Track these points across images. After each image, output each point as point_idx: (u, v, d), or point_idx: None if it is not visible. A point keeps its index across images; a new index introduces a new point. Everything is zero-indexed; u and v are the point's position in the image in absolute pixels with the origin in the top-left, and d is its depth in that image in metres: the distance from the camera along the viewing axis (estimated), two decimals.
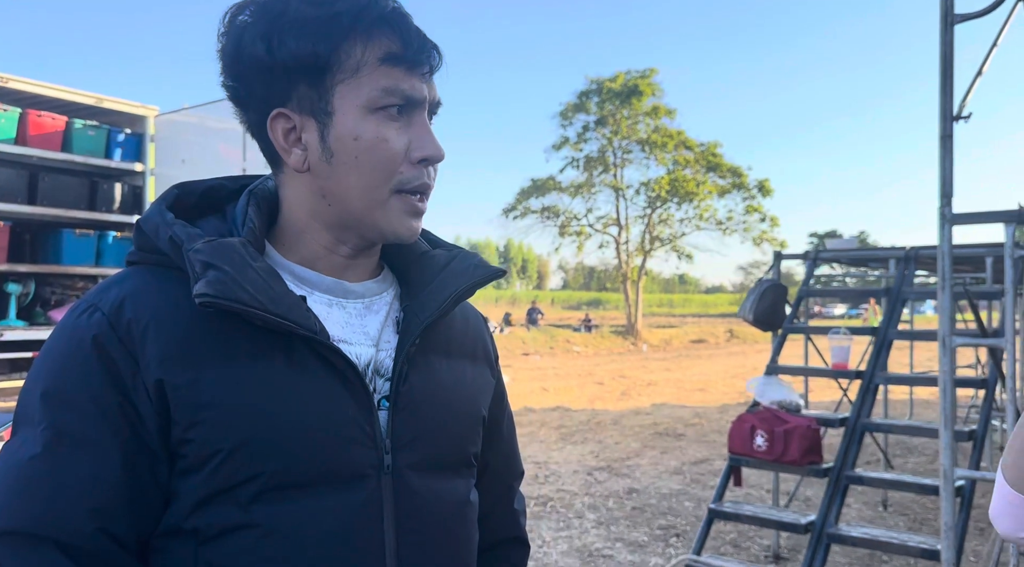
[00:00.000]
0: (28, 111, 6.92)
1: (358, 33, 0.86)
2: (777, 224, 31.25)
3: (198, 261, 0.81)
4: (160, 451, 0.82)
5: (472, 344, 1.04)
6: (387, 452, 0.88)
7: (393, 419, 0.89)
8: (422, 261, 1.00)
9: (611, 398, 12.75)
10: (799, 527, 3.85)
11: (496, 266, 1.01)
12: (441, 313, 0.94)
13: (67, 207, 7.12)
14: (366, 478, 0.86)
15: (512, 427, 1.15)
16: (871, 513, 5.67)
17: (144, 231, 0.89)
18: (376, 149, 0.87)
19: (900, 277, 4.54)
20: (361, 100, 0.86)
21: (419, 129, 0.89)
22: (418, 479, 0.90)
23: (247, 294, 0.81)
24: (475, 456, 1.01)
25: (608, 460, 7.52)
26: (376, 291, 0.96)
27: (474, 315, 1.09)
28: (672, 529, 5.27)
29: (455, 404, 0.97)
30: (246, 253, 0.84)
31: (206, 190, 0.95)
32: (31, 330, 7.08)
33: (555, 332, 26.82)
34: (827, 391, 11.04)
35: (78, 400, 0.81)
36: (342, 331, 0.90)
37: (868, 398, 4.16)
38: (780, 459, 3.91)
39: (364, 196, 0.88)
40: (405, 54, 0.87)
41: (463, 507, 0.97)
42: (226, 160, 7.19)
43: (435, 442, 0.93)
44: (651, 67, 31.81)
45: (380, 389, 0.90)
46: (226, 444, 0.81)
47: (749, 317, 4.64)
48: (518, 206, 32.52)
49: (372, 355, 0.91)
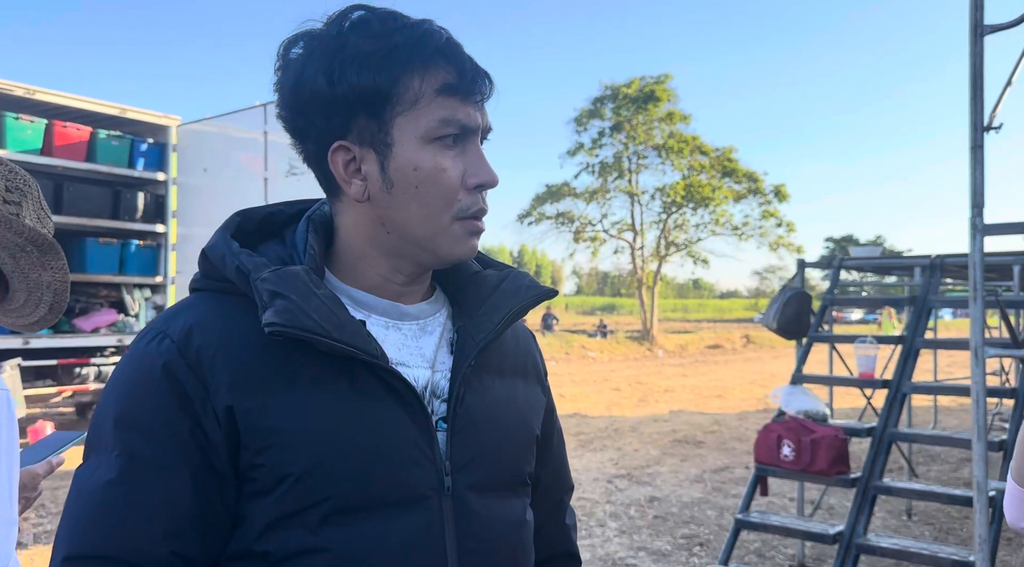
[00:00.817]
0: (54, 122, 7.01)
1: (415, 65, 0.88)
2: (793, 229, 31.13)
3: (265, 290, 0.84)
4: (229, 475, 0.84)
5: (523, 362, 1.06)
6: (447, 473, 0.89)
7: (451, 440, 0.90)
8: (474, 282, 1.01)
9: (628, 404, 12.72)
10: (827, 538, 3.82)
11: (548, 287, 1.02)
12: (495, 335, 0.96)
13: (91, 216, 7.21)
14: (428, 500, 0.87)
15: (562, 441, 1.16)
16: (896, 522, 5.62)
17: (210, 259, 0.91)
18: (435, 179, 0.89)
19: (926, 285, 4.51)
20: (419, 131, 0.88)
21: (473, 156, 0.91)
22: (477, 500, 0.91)
23: (312, 321, 0.83)
24: (530, 475, 1.02)
25: (628, 468, 7.50)
26: (430, 312, 0.98)
27: (524, 332, 1.10)
28: (695, 538, 5.24)
29: (510, 424, 0.98)
30: (310, 281, 0.86)
31: (265, 216, 0.98)
32: (56, 338, 7.17)
33: (570, 338, 26.81)
34: (848, 398, 10.97)
35: (150, 426, 0.82)
36: (399, 353, 0.92)
37: (895, 408, 4.13)
38: (808, 469, 3.89)
39: (425, 224, 0.90)
40: (460, 84, 0.89)
41: (520, 527, 0.98)
42: (247, 169, 7.25)
43: (492, 463, 0.94)
44: (666, 73, 31.80)
45: (437, 410, 0.92)
46: (295, 469, 0.83)
47: (773, 325, 4.63)
48: (533, 212, 32.55)
49: (429, 377, 0.93)
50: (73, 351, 7.37)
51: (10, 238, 1.22)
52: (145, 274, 7.82)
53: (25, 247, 1.25)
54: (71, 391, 7.58)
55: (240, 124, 7.29)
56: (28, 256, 1.26)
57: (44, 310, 1.35)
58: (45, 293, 1.32)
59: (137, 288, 7.85)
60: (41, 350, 7.11)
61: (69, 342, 7.24)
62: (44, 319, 1.37)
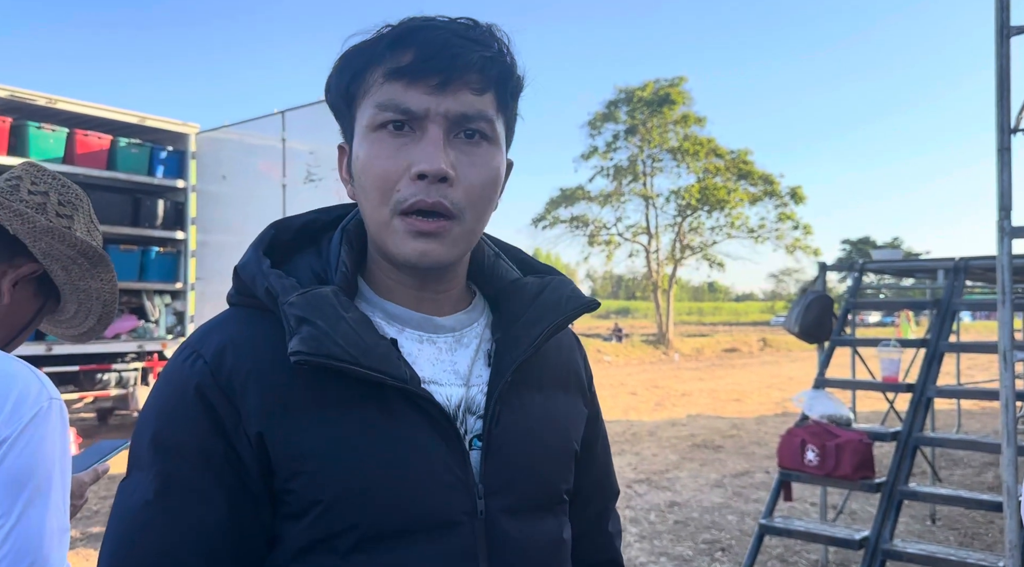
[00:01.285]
0: (75, 131, 7.08)
1: (376, 55, 0.84)
2: (810, 232, 30.95)
3: (293, 316, 0.82)
4: (263, 496, 0.83)
5: (565, 373, 1.02)
6: (480, 497, 0.86)
7: (485, 461, 0.88)
8: (512, 290, 0.98)
9: (645, 409, 12.68)
10: (853, 543, 3.79)
11: (590, 298, 0.98)
12: (532, 350, 0.92)
13: (112, 223, 7.27)
14: (460, 525, 0.85)
15: (606, 447, 1.13)
16: (920, 527, 5.57)
17: (242, 278, 0.89)
18: (368, 168, 0.84)
19: (950, 288, 4.47)
20: (365, 120, 0.85)
21: (423, 144, 0.83)
22: (511, 523, 0.88)
23: (339, 348, 0.81)
24: (568, 492, 0.99)
25: (647, 473, 7.47)
26: (466, 323, 0.95)
27: (568, 339, 1.06)
28: (717, 543, 5.21)
29: (547, 441, 0.94)
30: (338, 303, 0.84)
31: (302, 226, 0.96)
32: (77, 345, 7.23)
33: (585, 341, 26.71)
34: (869, 402, 10.88)
35: (184, 448, 0.82)
36: (432, 370, 0.89)
37: (920, 412, 4.09)
38: (832, 474, 3.85)
39: (371, 220, 0.87)
40: (408, 66, 0.82)
41: (556, 547, 0.95)
42: (266, 176, 7.29)
43: (527, 484, 0.91)
44: (680, 75, 31.74)
45: (472, 428, 0.89)
46: (325, 495, 0.81)
47: (795, 329, 4.59)
48: (547, 216, 32.55)
49: (463, 394, 0.90)
50: (95, 357, 7.43)
51: (63, 250, 1.25)
52: (165, 280, 7.88)
53: (76, 259, 1.27)
54: (93, 397, 7.64)
55: (258, 131, 7.33)
56: (79, 268, 1.29)
57: (93, 320, 1.37)
58: (95, 304, 1.35)
59: (157, 294, 7.91)
60: (64, 357, 7.18)
61: (91, 348, 7.30)
62: (93, 330, 1.39)
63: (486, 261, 1.01)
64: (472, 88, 0.84)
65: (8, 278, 1.24)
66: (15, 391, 1.08)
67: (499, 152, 0.88)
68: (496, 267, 1.01)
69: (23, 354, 7.26)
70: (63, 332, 1.41)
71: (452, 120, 0.84)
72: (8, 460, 1.05)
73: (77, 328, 1.38)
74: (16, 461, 1.05)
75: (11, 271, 1.24)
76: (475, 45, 0.84)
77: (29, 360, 4.50)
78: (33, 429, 1.07)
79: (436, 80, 0.82)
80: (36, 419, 1.08)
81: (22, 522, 1.04)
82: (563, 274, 1.02)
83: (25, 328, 1.31)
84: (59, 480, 1.10)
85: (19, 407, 1.07)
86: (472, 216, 0.86)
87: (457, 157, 0.84)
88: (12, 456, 1.05)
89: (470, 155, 0.85)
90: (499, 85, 0.87)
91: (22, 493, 1.05)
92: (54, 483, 1.09)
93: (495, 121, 0.87)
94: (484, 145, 0.86)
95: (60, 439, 1.11)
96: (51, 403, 1.11)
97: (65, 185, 1.33)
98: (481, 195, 0.86)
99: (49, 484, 1.08)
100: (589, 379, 1.09)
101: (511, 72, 0.88)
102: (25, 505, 1.05)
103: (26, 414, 1.07)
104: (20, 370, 1.12)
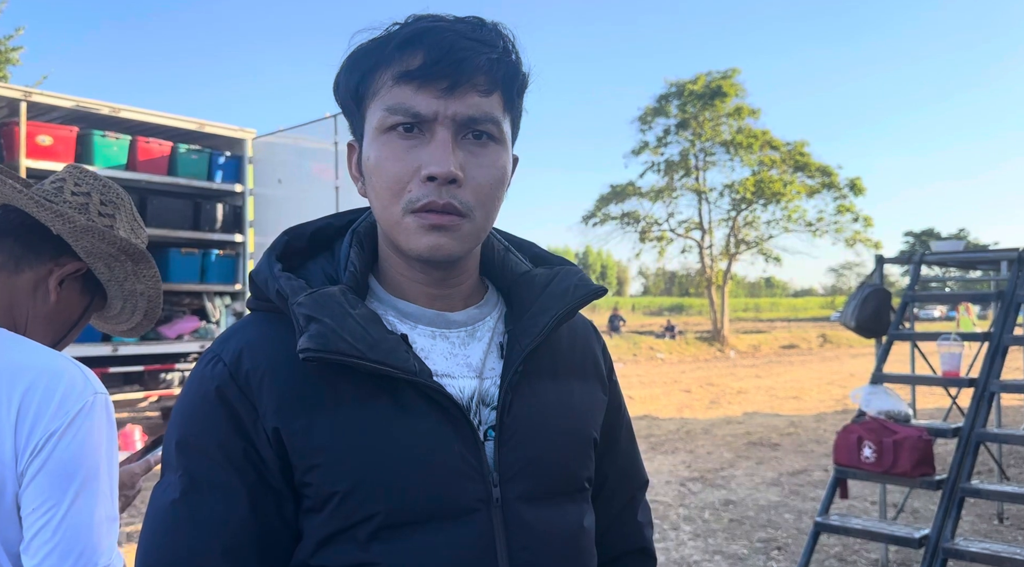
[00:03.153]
0: (137, 138, 7.32)
1: (386, 56, 0.86)
2: (871, 224, 30.15)
3: (301, 315, 0.85)
4: (286, 492, 0.87)
5: (581, 360, 1.03)
6: (495, 485, 0.88)
7: (499, 451, 0.90)
8: (523, 282, 1.00)
9: (700, 406, 12.53)
10: (913, 542, 3.70)
11: (597, 284, 0.99)
12: (540, 338, 0.93)
13: (173, 227, 7.49)
14: (476, 512, 0.87)
15: (631, 436, 1.13)
16: (986, 527, 5.40)
17: (256, 283, 0.93)
18: (380, 169, 0.87)
19: (1014, 279, 4.32)
20: (375, 121, 0.87)
21: (433, 146, 0.85)
22: (529, 510, 0.90)
23: (346, 344, 0.83)
24: (588, 480, 0.99)
25: (701, 471, 7.40)
26: (479, 317, 0.97)
27: (583, 327, 1.07)
28: (773, 542, 5.14)
29: (563, 430, 0.95)
30: (345, 301, 0.87)
31: (315, 232, 0.98)
32: (142, 345, 7.47)
33: (638, 339, 26.56)
34: (932, 398, 10.57)
35: (206, 448, 0.86)
36: (445, 364, 0.92)
37: (983, 407, 3.97)
38: (890, 471, 3.77)
39: (383, 217, 0.90)
40: (417, 70, 0.84)
41: (577, 534, 0.95)
42: (319, 179, 7.43)
43: (543, 472, 0.92)
44: (733, 67, 31.24)
45: (486, 420, 0.91)
46: (341, 487, 0.84)
47: (851, 323, 4.50)
48: (597, 213, 32.38)
49: (476, 386, 0.92)
50: (159, 357, 7.66)
51: (104, 249, 1.29)
52: (225, 282, 8.08)
53: (119, 257, 1.31)
54: (157, 396, 7.87)
55: (311, 135, 7.47)
56: (122, 266, 1.33)
57: (140, 316, 1.42)
58: (140, 301, 1.39)
59: (218, 296, 8.12)
60: (129, 357, 7.41)
61: (155, 349, 7.54)
62: (140, 325, 1.44)
63: (496, 255, 1.03)
64: (479, 90, 0.86)
65: (54, 276, 1.28)
66: (61, 386, 1.12)
67: (505, 151, 0.91)
68: (506, 261, 1.03)
69: (92, 355, 7.51)
70: (112, 328, 1.46)
71: (460, 122, 0.86)
72: (56, 453, 1.09)
73: (125, 324, 1.43)
74: (64, 453, 1.09)
75: (57, 270, 1.29)
76: (481, 46, 0.86)
77: (96, 361, 4.69)
78: (80, 422, 1.11)
79: (444, 84, 0.84)
80: (82, 413, 1.12)
81: (71, 512, 1.08)
82: (574, 264, 1.04)
83: (75, 326, 1.35)
84: (106, 471, 1.14)
85: (65, 402, 1.11)
86: (481, 214, 0.89)
87: (466, 158, 0.87)
88: (60, 449, 1.09)
89: (478, 156, 0.88)
90: (505, 85, 0.89)
91: (71, 484, 1.09)
92: (101, 474, 1.13)
93: (501, 122, 0.89)
94: (491, 145, 0.89)
95: (106, 432, 1.15)
96: (96, 397, 1.15)
97: (107, 186, 1.37)
98: (489, 194, 0.89)
99: (96, 475, 1.12)
100: (609, 367, 1.09)
101: (517, 71, 0.90)
102: (74, 496, 1.09)
103: (72, 408, 1.11)
104: (66, 366, 1.16)
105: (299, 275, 0.92)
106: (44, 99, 6.71)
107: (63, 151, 6.70)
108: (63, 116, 7.05)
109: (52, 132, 6.66)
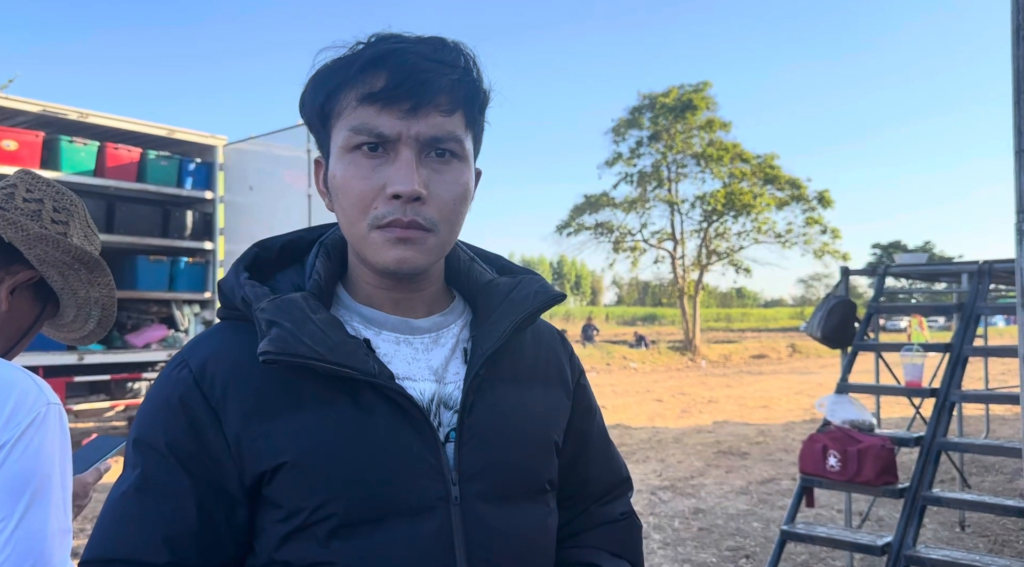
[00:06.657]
0: (106, 144, 7.24)
1: (350, 77, 0.89)
2: (839, 236, 30.57)
3: (263, 319, 0.88)
4: (240, 496, 0.89)
5: (545, 366, 1.05)
6: (454, 484, 0.90)
7: (459, 452, 0.91)
8: (487, 290, 1.03)
9: (671, 415, 12.61)
10: (875, 549, 3.76)
11: (556, 291, 1.02)
12: (499, 343, 0.96)
13: (142, 234, 7.42)
14: (435, 509, 0.89)
15: (605, 438, 1.15)
16: (948, 534, 5.49)
17: (223, 291, 0.97)
18: (346, 188, 0.90)
19: (974, 292, 4.42)
20: (340, 141, 0.90)
21: (397, 165, 0.88)
22: (487, 509, 0.92)
23: (306, 347, 0.86)
24: (550, 482, 1.01)
25: (671, 479, 7.44)
26: (443, 324, 0.99)
27: (548, 334, 1.10)
28: (741, 550, 5.19)
29: (523, 432, 0.98)
30: (307, 307, 0.90)
31: (284, 244, 1.02)
32: (109, 354, 7.38)
33: (611, 348, 26.66)
34: (898, 408, 10.73)
35: (162, 448, 0.89)
36: (407, 367, 0.94)
37: (944, 417, 4.05)
38: (854, 479, 3.83)
39: (349, 232, 0.93)
40: (381, 92, 0.87)
41: (536, 534, 0.97)
42: (291, 187, 7.40)
43: (503, 472, 0.94)
44: (704, 80, 31.59)
45: (448, 422, 0.93)
46: (302, 487, 0.87)
47: (817, 334, 4.57)
48: (571, 223, 32.52)
49: (436, 389, 0.94)
50: (125, 366, 7.56)
51: (58, 256, 1.27)
52: (194, 290, 8.00)
53: (73, 265, 1.29)
54: (124, 405, 7.77)
55: (283, 143, 7.45)
56: (76, 274, 1.31)
57: (93, 324, 1.40)
58: (94, 308, 1.37)
59: (187, 304, 8.04)
60: (95, 366, 7.30)
61: (122, 358, 7.44)
62: (93, 333, 1.42)
63: (461, 265, 1.06)
64: (441, 110, 0.89)
65: (5, 285, 1.26)
66: (13, 397, 1.10)
67: (468, 167, 0.94)
68: (471, 270, 1.06)
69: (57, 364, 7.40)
70: (64, 336, 1.44)
71: (424, 142, 0.89)
72: (7, 464, 1.06)
73: (78, 332, 1.41)
74: (15, 465, 1.07)
75: (8, 278, 1.26)
76: (443, 67, 0.89)
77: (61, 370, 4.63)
78: (32, 433, 1.09)
79: (407, 105, 0.87)
80: (34, 424, 1.10)
81: (23, 525, 1.06)
82: (537, 273, 1.07)
83: (26, 334, 1.33)
84: (59, 482, 1.12)
85: (17, 412, 1.09)
86: (446, 228, 0.92)
87: (429, 175, 0.90)
88: (11, 460, 1.07)
89: (441, 173, 0.91)
90: (467, 104, 0.92)
91: (22, 496, 1.07)
92: (54, 485, 1.11)
93: (464, 139, 0.92)
94: (454, 162, 0.92)
95: (60, 442, 1.13)
96: (49, 408, 1.13)
97: (60, 192, 1.35)
98: (453, 209, 0.92)
99: (49, 487, 1.10)
100: (577, 374, 1.12)
101: (478, 89, 0.93)
102: (25, 508, 1.06)
103: (24, 419, 1.09)
104: (18, 376, 1.13)
105: (267, 285, 0.95)
106: (9, 103, 6.61)
107: (28, 156, 6.60)
108: (29, 121, 6.95)
109: (17, 137, 6.56)
